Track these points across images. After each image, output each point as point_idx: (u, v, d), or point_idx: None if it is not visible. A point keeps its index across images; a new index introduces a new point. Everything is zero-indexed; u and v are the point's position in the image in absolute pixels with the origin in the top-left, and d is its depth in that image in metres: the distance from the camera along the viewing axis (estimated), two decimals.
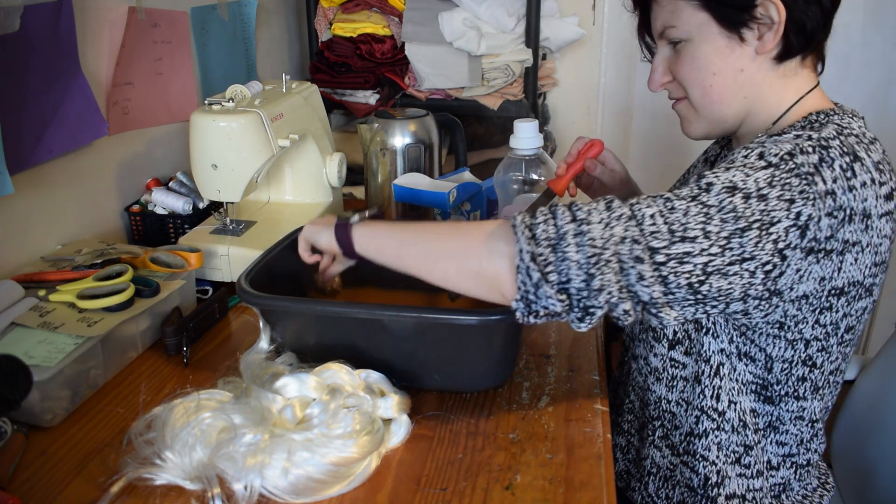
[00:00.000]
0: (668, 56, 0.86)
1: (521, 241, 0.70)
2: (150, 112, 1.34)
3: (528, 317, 0.71)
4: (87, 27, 1.16)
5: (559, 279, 0.68)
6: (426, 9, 1.79)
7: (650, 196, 0.72)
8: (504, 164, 1.08)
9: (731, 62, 0.81)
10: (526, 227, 0.71)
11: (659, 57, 0.87)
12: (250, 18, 1.67)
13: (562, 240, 0.69)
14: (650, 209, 0.70)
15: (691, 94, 0.85)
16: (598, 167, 1.02)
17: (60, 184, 1.13)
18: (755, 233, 0.68)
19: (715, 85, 0.82)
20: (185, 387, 0.82)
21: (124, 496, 0.70)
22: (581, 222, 0.69)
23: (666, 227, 0.68)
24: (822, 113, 0.80)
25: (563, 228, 0.69)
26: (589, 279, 0.67)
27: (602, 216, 0.70)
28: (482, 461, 0.76)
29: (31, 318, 0.88)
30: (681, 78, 0.85)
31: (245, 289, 0.85)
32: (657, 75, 0.88)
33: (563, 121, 2.31)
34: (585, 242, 0.68)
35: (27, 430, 0.80)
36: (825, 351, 0.81)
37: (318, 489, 0.70)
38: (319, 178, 1.34)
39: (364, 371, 0.82)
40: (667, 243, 0.68)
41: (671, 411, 0.90)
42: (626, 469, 1.00)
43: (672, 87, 0.88)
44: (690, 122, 0.88)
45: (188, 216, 1.26)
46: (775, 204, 0.69)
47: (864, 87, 2.11)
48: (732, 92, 0.83)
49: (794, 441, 0.88)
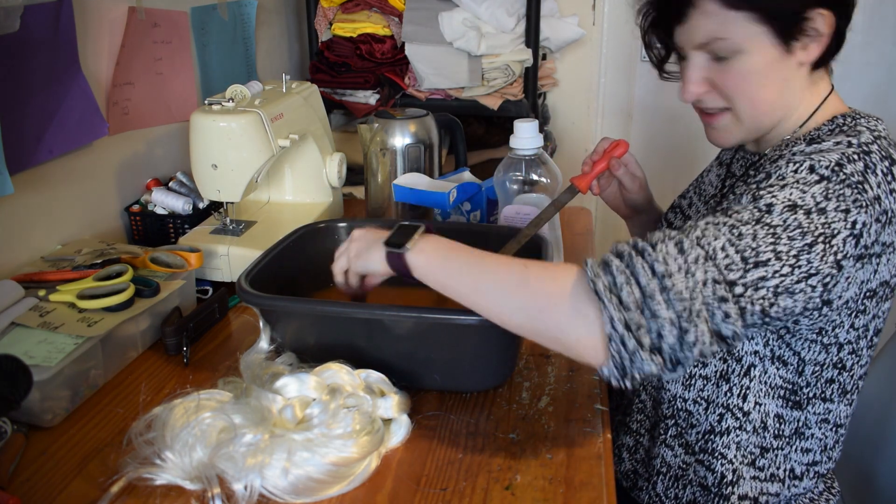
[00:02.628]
0: (704, 66, 0.82)
1: (609, 309, 0.66)
2: (150, 112, 1.34)
3: (622, 381, 0.68)
4: (87, 27, 1.16)
5: (652, 341, 0.66)
6: (426, 9, 1.79)
7: (709, 223, 0.70)
8: (504, 164, 1.08)
9: (780, 73, 0.80)
10: (610, 292, 0.66)
11: (695, 67, 0.83)
12: (250, 18, 1.67)
13: (650, 299, 0.65)
14: (718, 241, 0.68)
15: (738, 106, 0.83)
16: (622, 168, 1.01)
17: (60, 184, 1.13)
18: (820, 247, 0.69)
19: (765, 97, 0.81)
20: (185, 387, 0.82)
21: (124, 496, 0.70)
22: (663, 276, 0.66)
23: (738, 255, 0.67)
24: (847, 116, 0.82)
25: (647, 287, 0.66)
26: (682, 335, 0.65)
27: (679, 263, 0.67)
28: (482, 461, 0.76)
29: (31, 318, 0.88)
30: (728, 90, 0.82)
31: (245, 289, 0.85)
32: (694, 87, 0.83)
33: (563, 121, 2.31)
34: (673, 298, 0.65)
35: (27, 430, 0.80)
36: (855, 353, 0.83)
37: (318, 489, 0.70)
38: (319, 178, 1.34)
39: (364, 371, 0.82)
40: (741, 272, 0.67)
41: (687, 409, 0.90)
42: (633, 469, 1.00)
43: (709, 97, 0.84)
44: (730, 132, 0.86)
45: (188, 216, 1.26)
46: (833, 216, 0.69)
47: (864, 87, 2.11)
48: (779, 102, 0.82)
49: (819, 447, 0.88)
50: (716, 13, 0.78)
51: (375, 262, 0.80)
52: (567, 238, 1.26)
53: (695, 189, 1.05)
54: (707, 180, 1.03)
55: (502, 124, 2.03)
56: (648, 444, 0.97)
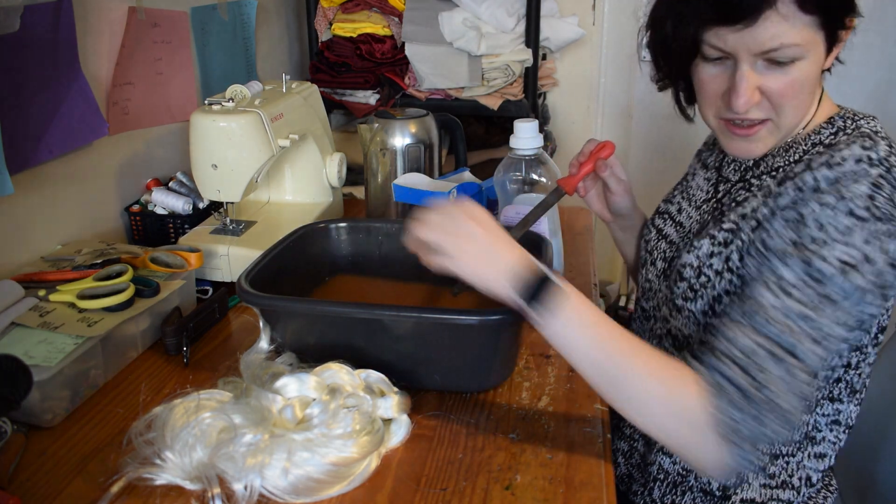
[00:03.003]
0: (757, 76, 0.78)
1: (737, 452, 0.68)
2: (150, 112, 1.34)
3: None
4: (87, 27, 1.16)
5: (771, 451, 0.82)
6: (426, 9, 1.79)
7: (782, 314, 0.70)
8: (504, 164, 1.08)
9: (818, 79, 0.81)
10: (737, 435, 0.67)
11: (750, 76, 0.77)
12: (250, 18, 1.67)
13: (766, 425, 0.67)
14: (805, 342, 0.69)
15: (784, 113, 0.80)
16: (608, 170, 0.99)
17: (60, 184, 1.13)
18: (871, 296, 0.71)
19: (806, 104, 0.81)
20: (185, 387, 0.82)
21: (124, 496, 0.70)
22: (772, 404, 0.67)
23: (821, 348, 0.70)
24: (845, 118, 0.83)
25: (765, 424, 0.67)
26: (791, 434, 0.77)
27: (785, 379, 0.68)
28: (482, 461, 0.76)
29: (31, 318, 0.88)
30: (782, 98, 0.78)
31: (245, 289, 0.85)
32: (750, 94, 0.78)
33: (563, 121, 2.31)
34: (788, 416, 0.68)
35: (27, 430, 0.80)
36: (861, 351, 0.84)
37: (318, 489, 0.70)
38: (319, 178, 1.34)
39: (364, 371, 0.82)
40: (822, 357, 0.70)
41: None
42: (629, 473, 1.00)
43: (759, 107, 0.80)
44: (765, 143, 0.83)
45: (188, 216, 1.26)
46: (877, 256, 0.71)
47: (864, 87, 2.11)
48: (810, 109, 0.83)
49: (832, 451, 0.88)
50: (792, 16, 0.74)
51: (492, 282, 0.70)
52: (567, 238, 1.26)
53: (682, 194, 1.02)
54: (694, 184, 1.00)
55: (502, 124, 2.03)
56: (644, 450, 0.97)
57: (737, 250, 0.81)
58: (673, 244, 0.96)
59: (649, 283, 0.99)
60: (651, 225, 1.03)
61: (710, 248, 0.84)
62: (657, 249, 0.98)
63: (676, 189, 1.04)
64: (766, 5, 0.73)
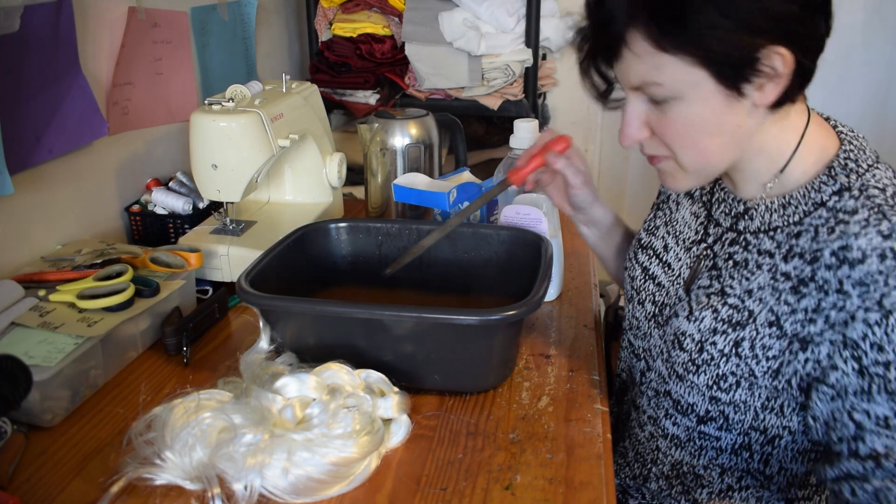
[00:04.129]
0: (643, 109, 0.74)
1: None
2: (150, 112, 1.34)
3: None
4: (87, 27, 1.16)
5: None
6: (426, 9, 1.79)
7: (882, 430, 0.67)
8: (504, 164, 1.08)
9: (729, 119, 0.71)
10: None
11: (633, 110, 0.75)
12: (250, 18, 1.67)
13: None
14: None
15: (681, 155, 0.75)
16: (561, 162, 0.94)
17: (60, 184, 1.13)
18: None
19: (711, 145, 0.73)
20: (185, 387, 0.82)
21: (124, 496, 0.71)
22: None
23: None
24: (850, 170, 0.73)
25: None
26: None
27: None
28: (482, 461, 0.76)
29: (31, 318, 0.88)
30: (668, 139, 0.74)
31: (245, 289, 0.85)
32: (632, 130, 0.75)
33: (563, 121, 2.31)
34: None
35: (27, 430, 0.80)
36: None
37: (318, 489, 0.70)
38: (319, 178, 1.34)
39: (364, 371, 0.82)
40: None
41: (696, 474, 0.86)
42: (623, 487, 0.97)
43: (651, 143, 0.76)
44: (677, 178, 0.78)
45: (188, 216, 1.26)
46: None
47: (864, 87, 2.11)
48: (729, 149, 0.74)
49: None
50: (647, 54, 0.68)
51: None
52: (567, 238, 1.26)
53: (666, 227, 0.93)
54: (680, 218, 0.92)
55: (502, 124, 2.03)
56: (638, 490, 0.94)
57: (749, 339, 0.75)
58: (662, 287, 0.89)
59: (637, 322, 0.93)
60: (634, 260, 0.95)
61: (712, 324, 0.78)
62: (645, 290, 0.92)
63: (658, 217, 0.96)
64: (618, 42, 0.70)
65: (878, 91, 2.11)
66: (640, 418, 0.92)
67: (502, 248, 1.02)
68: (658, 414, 0.87)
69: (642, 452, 0.92)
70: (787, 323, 0.73)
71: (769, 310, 0.74)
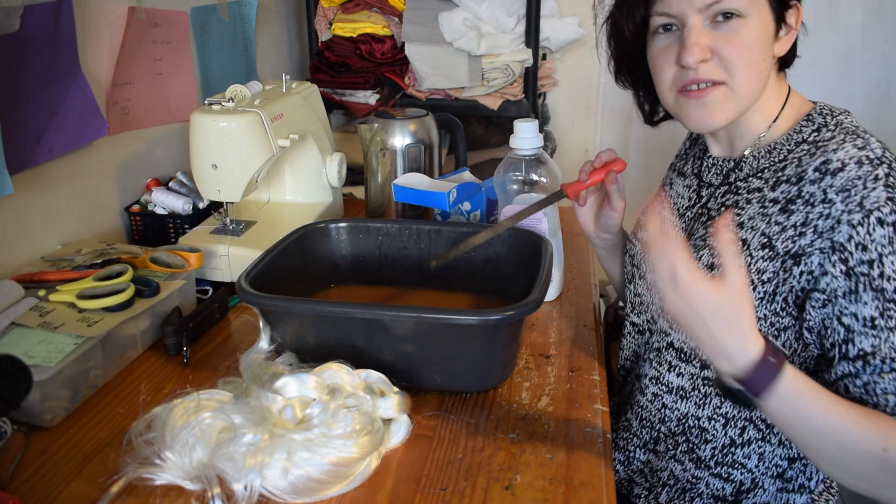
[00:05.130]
0: (705, 32, 0.79)
1: None
2: (150, 112, 1.34)
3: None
4: (87, 27, 1.16)
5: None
6: (426, 9, 1.79)
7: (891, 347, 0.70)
8: (504, 164, 1.08)
9: (768, 52, 0.81)
10: None
11: (696, 31, 0.79)
12: (250, 18, 1.67)
13: None
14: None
15: (738, 75, 0.79)
16: (616, 184, 0.96)
17: (60, 184, 1.13)
18: None
19: (761, 69, 0.81)
20: (185, 387, 0.82)
21: (124, 496, 0.71)
22: None
23: None
24: (823, 114, 0.83)
25: None
26: None
27: None
28: (482, 461, 0.76)
29: (31, 318, 0.88)
30: (735, 56, 0.79)
31: (245, 289, 0.85)
32: (698, 49, 0.79)
33: (563, 121, 2.31)
34: None
35: (27, 430, 0.80)
36: None
37: (318, 489, 0.70)
38: (319, 178, 1.34)
39: (364, 371, 0.82)
40: None
41: (700, 427, 0.88)
42: (629, 477, 0.98)
43: (709, 67, 0.80)
44: (721, 109, 0.82)
45: (188, 216, 1.26)
46: None
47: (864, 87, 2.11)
48: (764, 82, 0.82)
49: None
50: None
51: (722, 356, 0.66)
52: (567, 238, 1.26)
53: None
54: (674, 193, 0.98)
55: (502, 124, 2.04)
56: (646, 458, 0.96)
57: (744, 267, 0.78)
58: None
59: (639, 298, 0.97)
60: (635, 238, 0.99)
61: (709, 260, 0.83)
62: (646, 262, 0.95)
63: None
64: None
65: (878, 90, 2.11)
66: (641, 385, 0.94)
67: (502, 248, 1.02)
68: (661, 371, 0.90)
69: (647, 417, 0.94)
70: (779, 242, 0.77)
71: (760, 233, 0.79)
